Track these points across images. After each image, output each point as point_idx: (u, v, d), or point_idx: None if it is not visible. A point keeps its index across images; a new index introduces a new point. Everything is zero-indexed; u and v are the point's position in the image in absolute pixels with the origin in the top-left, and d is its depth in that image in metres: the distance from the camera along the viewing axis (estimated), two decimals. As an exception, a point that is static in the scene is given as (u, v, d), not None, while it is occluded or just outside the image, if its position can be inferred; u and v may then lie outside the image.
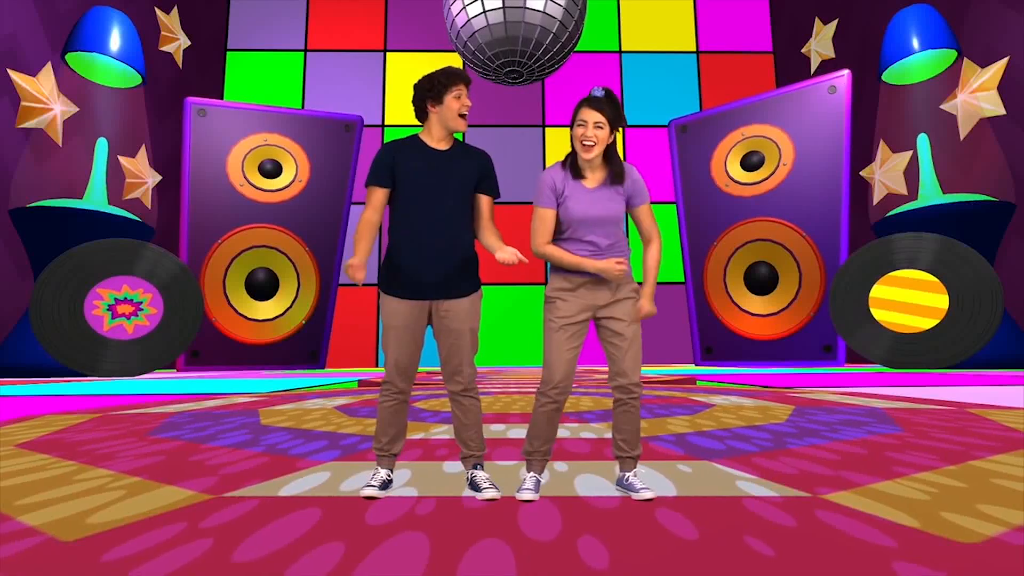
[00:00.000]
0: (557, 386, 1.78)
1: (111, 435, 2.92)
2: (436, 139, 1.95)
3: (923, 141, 9.05)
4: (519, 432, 3.07)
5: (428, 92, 1.92)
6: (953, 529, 1.32)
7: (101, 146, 9.01)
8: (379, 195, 1.93)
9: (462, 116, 1.92)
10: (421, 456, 2.38)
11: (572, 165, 1.84)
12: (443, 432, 3.07)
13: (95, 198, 8.77)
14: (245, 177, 10.27)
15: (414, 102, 1.97)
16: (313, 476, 2.02)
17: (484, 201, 1.97)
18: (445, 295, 1.90)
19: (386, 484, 1.81)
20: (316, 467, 2.17)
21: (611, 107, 1.77)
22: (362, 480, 1.92)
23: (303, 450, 2.52)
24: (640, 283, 1.87)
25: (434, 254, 1.88)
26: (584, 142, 1.77)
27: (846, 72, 9.48)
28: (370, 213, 1.94)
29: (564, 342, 1.79)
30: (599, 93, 1.79)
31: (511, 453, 2.46)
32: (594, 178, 1.83)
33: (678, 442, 2.66)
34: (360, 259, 1.84)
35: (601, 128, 1.76)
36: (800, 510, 1.51)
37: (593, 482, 1.89)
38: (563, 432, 3.01)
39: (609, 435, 2.90)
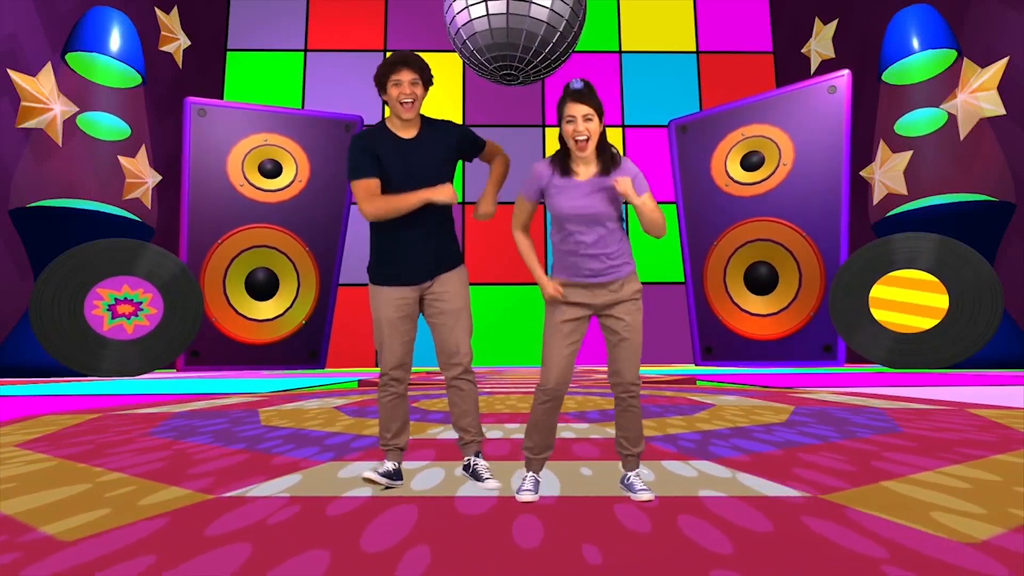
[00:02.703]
0: (555, 383, 1.78)
1: (110, 435, 2.92)
2: (399, 127, 1.91)
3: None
4: (519, 434, 3.07)
5: (376, 83, 1.89)
6: (802, 535, 1.32)
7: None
8: (374, 184, 1.86)
9: (403, 103, 1.85)
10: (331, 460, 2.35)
11: (562, 162, 1.81)
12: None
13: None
14: (245, 177, 10.24)
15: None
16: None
17: (487, 158, 2.04)
18: (431, 275, 1.90)
19: (391, 475, 1.82)
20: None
21: (595, 97, 1.75)
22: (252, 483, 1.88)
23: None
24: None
25: (415, 244, 1.89)
26: (577, 138, 1.75)
27: (846, 72, 9.45)
28: (372, 203, 1.85)
29: (561, 340, 1.78)
30: (579, 85, 1.76)
31: (511, 454, 2.46)
32: (587, 171, 1.80)
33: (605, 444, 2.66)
34: (427, 196, 1.85)
35: (591, 120, 1.74)
36: (665, 515, 1.50)
37: (480, 486, 1.86)
38: (495, 433, 3.01)
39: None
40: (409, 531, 1.38)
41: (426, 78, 1.89)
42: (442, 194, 1.84)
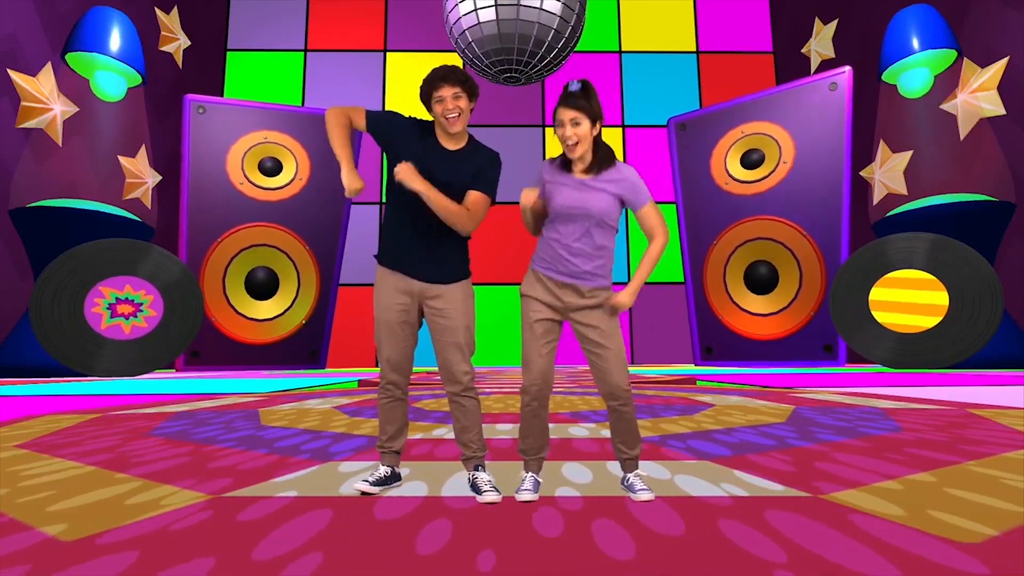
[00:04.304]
0: (535, 383, 1.77)
1: (61, 436, 2.92)
2: (444, 138, 1.92)
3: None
4: (512, 433, 3.07)
5: (423, 102, 1.90)
6: (710, 538, 1.32)
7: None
8: (358, 119, 1.90)
9: (448, 118, 1.86)
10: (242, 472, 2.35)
11: (563, 160, 1.86)
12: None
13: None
14: (245, 175, 10.22)
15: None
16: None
17: (468, 196, 1.87)
18: (434, 279, 1.89)
19: (385, 480, 1.82)
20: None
21: (585, 100, 1.76)
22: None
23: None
24: (620, 284, 1.86)
25: (423, 238, 1.89)
26: (566, 142, 1.77)
27: (847, 68, 9.41)
28: (338, 112, 1.88)
29: (538, 339, 1.79)
30: (574, 87, 1.78)
31: (510, 454, 2.46)
32: (582, 170, 1.84)
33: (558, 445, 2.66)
34: (346, 167, 1.83)
35: (579, 124, 1.76)
36: (582, 518, 1.48)
37: (413, 488, 1.84)
38: (489, 436, 3.00)
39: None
40: (311, 537, 1.34)
41: (469, 89, 1.88)
42: (404, 172, 1.80)
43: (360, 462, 2.26)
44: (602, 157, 1.81)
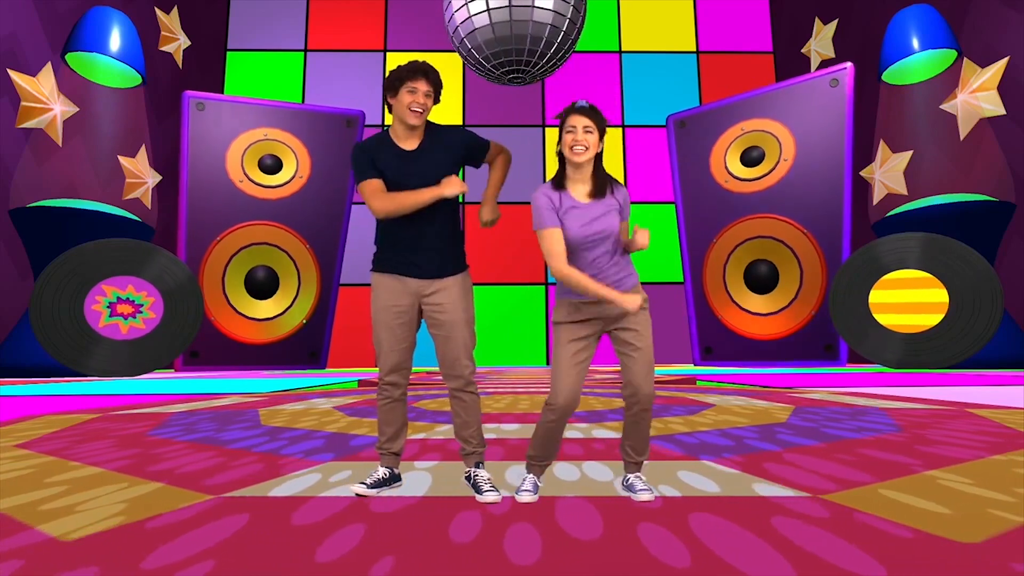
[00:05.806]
0: (563, 403, 1.76)
1: (110, 435, 2.92)
2: (402, 137, 1.91)
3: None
4: (517, 433, 3.07)
5: (387, 85, 1.89)
6: (622, 542, 1.31)
7: None
8: (377, 183, 1.88)
9: (412, 110, 1.85)
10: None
11: (559, 183, 1.82)
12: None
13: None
14: (244, 173, 10.12)
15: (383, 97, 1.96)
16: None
17: (490, 160, 2.04)
18: (431, 274, 1.88)
19: (383, 481, 1.81)
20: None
21: (598, 115, 1.78)
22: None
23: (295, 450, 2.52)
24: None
25: (423, 238, 1.88)
26: (575, 147, 1.77)
27: (848, 65, 9.32)
28: (381, 200, 1.86)
29: (571, 359, 1.78)
30: (584, 104, 1.80)
31: (508, 453, 2.46)
32: (584, 191, 1.82)
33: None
34: (436, 190, 1.86)
35: (591, 132, 1.76)
36: (499, 523, 1.46)
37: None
38: (491, 435, 2.98)
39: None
40: (216, 543, 1.28)
41: (438, 94, 1.92)
42: (451, 187, 1.85)
43: (310, 465, 2.19)
44: (601, 182, 1.82)
